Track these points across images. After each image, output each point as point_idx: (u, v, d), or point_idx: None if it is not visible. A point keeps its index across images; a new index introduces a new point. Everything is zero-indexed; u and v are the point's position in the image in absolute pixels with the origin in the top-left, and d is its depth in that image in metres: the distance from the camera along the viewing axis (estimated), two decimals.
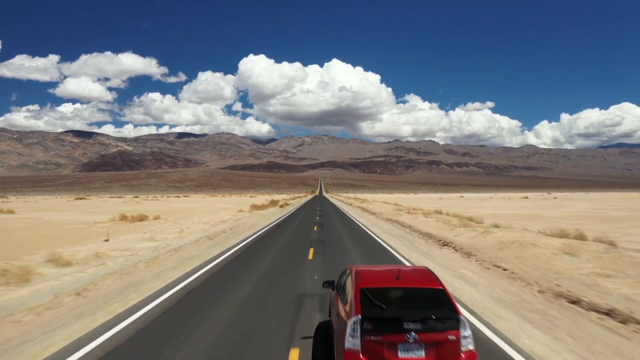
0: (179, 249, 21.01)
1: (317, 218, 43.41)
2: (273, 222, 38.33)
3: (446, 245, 21.40)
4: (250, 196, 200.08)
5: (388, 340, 5.31)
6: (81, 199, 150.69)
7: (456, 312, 5.55)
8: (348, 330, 5.49)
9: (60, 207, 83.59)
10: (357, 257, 17.68)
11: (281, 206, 61.60)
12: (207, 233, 28.36)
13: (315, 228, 31.73)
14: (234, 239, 25.54)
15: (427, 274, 6.54)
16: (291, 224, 36.45)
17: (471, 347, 5.50)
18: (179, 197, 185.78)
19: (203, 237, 26.08)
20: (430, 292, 5.90)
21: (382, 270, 7.03)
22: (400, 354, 5.28)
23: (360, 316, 5.46)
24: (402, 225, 33.35)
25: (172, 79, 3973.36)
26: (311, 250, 19.73)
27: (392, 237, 25.76)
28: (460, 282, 12.98)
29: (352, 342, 5.41)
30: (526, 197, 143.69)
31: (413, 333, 5.27)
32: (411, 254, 18.90)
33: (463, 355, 5.38)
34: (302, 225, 35.43)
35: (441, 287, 5.99)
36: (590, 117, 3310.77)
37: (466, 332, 5.51)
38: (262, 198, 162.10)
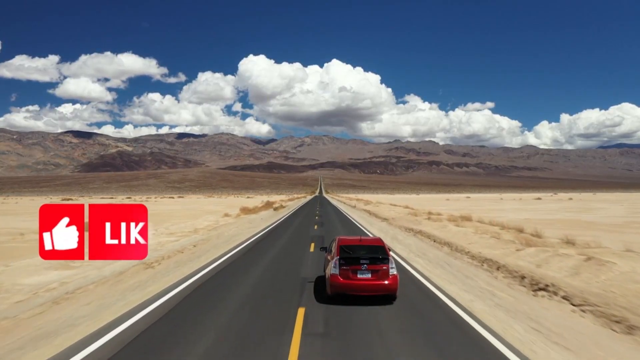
0: (67, 297, 11.74)
1: (315, 227, 33.32)
2: (258, 233, 29.06)
3: (542, 289, 12.06)
4: (248, 197, 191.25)
5: (352, 268, 9.89)
6: (68, 199, 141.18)
7: (387, 255, 10.32)
8: (332, 265, 10.16)
9: (31, 209, 74.36)
10: (393, 332, 8.39)
11: (275, 209, 52.68)
12: (157, 254, 19.10)
13: (312, 248, 20.74)
14: (188, 266, 16.29)
15: (378, 240, 11.44)
16: (281, 237, 27.11)
17: (395, 272, 10.12)
18: (172, 197, 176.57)
19: (140, 262, 16.79)
20: (376, 246, 10.72)
21: (353, 238, 11.48)
22: (359, 275, 9.84)
23: (339, 257, 10.16)
24: (434, 240, 24.01)
25: (172, 80, 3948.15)
26: (300, 312, 9.22)
27: (431, 265, 16.45)
28: None
29: (334, 270, 10.00)
30: (539, 199, 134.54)
31: (365, 265, 9.90)
32: (502, 319, 9.48)
33: (390, 276, 9.90)
34: (294, 239, 25.93)
35: (382, 245, 10.85)
36: (590, 118, 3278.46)
37: (392, 265, 10.15)
38: (258, 199, 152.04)
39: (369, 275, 9.81)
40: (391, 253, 11.30)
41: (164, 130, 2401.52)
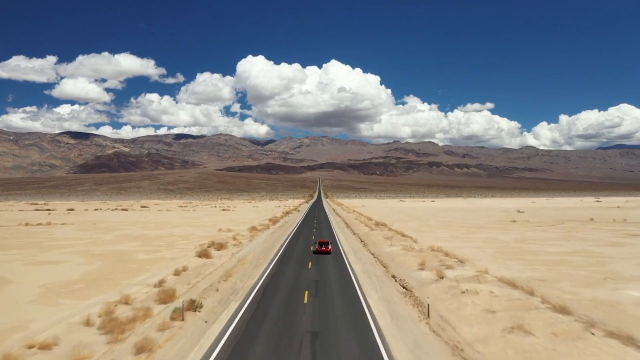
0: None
1: None
2: None
3: None
4: (225, 208, 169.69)
5: (320, 244, 38.80)
6: None
7: (329, 243, 39.55)
8: (316, 245, 39.85)
9: None
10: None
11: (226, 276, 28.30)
12: None
13: None
14: None
15: (327, 239, 41.79)
16: None
17: (330, 247, 38.45)
18: (126, 210, 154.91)
19: None
20: (327, 241, 39.98)
21: (322, 239, 43.19)
22: (322, 248, 38.04)
23: (317, 242, 39.98)
24: None
25: (170, 80, 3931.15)
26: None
27: None
28: None
29: (316, 246, 39.20)
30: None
31: (323, 245, 38.65)
32: None
33: (330, 248, 38.19)
34: None
35: (328, 241, 40.26)
36: (589, 119, 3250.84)
37: (330, 244, 38.97)
38: (241, 209, 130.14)
39: (324, 248, 37.17)
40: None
41: (162, 131, 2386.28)
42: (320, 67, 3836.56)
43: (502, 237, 44.11)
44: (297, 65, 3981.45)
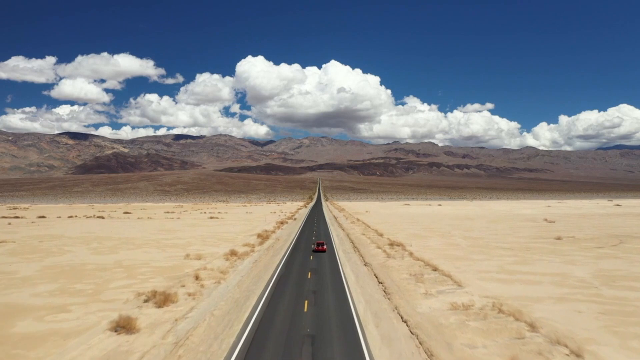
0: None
1: None
2: None
3: None
4: (213, 217, 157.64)
5: (319, 244, 51.27)
6: None
7: (324, 243, 52.77)
8: (315, 244, 52.58)
9: None
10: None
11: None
12: None
13: None
14: None
15: (323, 241, 55.91)
16: None
17: (325, 246, 51.25)
18: (128, 213, 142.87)
19: None
20: (323, 242, 53.28)
21: (319, 240, 58.51)
22: (318, 247, 50.24)
23: (316, 242, 53.35)
24: None
25: (170, 81, 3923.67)
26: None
27: None
28: None
29: (315, 246, 51.76)
30: None
31: (320, 244, 51.18)
32: None
33: (325, 247, 50.91)
34: None
35: (323, 242, 53.52)
36: (589, 119, 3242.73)
37: (325, 245, 52.01)
38: (232, 216, 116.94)
39: (321, 247, 49.38)
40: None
41: (161, 131, 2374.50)
42: (319, 67, 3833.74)
43: (575, 273, 30.81)
44: (296, 66, 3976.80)
